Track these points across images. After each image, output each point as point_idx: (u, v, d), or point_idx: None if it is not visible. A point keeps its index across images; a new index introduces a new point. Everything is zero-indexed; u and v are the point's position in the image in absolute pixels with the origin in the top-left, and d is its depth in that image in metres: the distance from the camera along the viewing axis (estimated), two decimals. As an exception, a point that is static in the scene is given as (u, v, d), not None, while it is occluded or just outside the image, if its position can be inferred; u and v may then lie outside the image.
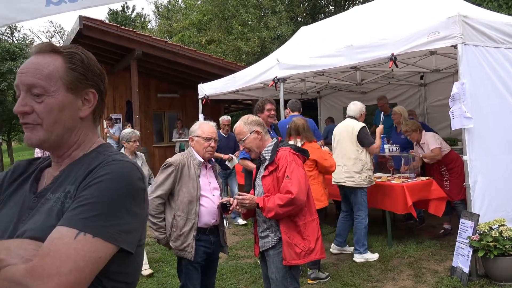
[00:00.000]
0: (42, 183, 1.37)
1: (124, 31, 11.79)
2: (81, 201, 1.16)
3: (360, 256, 5.75)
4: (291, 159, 3.29)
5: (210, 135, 3.62)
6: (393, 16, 6.92)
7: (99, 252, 1.12)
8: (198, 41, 23.17)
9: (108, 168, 1.22)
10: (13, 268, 1.08)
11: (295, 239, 3.26)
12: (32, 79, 1.28)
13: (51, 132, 1.30)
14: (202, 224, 3.49)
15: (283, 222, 3.28)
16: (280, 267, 3.28)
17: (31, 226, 1.21)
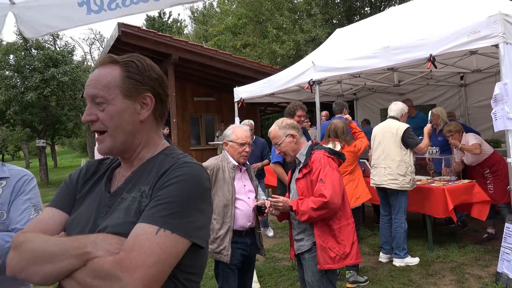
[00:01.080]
0: (115, 182, 1.50)
1: (161, 37, 12.03)
2: (159, 200, 1.28)
3: (400, 260, 5.63)
4: (325, 162, 3.27)
5: (244, 140, 3.64)
6: (431, 16, 6.76)
7: (177, 246, 1.24)
8: (233, 45, 23.36)
9: (181, 170, 1.34)
10: (102, 260, 1.19)
11: (329, 243, 3.23)
12: (93, 90, 1.42)
13: (115, 137, 1.43)
14: (238, 227, 3.51)
15: (317, 226, 3.25)
16: (316, 270, 3.25)
17: (111, 222, 1.32)
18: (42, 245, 1.29)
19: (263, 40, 20.58)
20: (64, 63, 19.72)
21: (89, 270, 1.20)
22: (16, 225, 1.92)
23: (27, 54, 19.53)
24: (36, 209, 2.00)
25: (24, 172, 2.10)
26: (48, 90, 18.74)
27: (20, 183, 2.03)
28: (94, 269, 1.19)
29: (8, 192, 1.98)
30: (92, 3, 2.28)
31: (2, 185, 2.00)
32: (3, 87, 18.34)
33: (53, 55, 19.61)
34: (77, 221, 1.42)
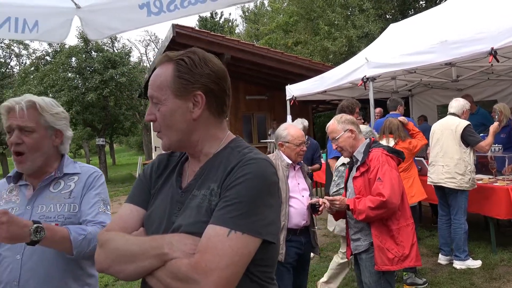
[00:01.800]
0: (185, 177, 1.53)
1: (214, 36, 12.22)
2: (228, 201, 1.30)
3: (460, 262, 5.41)
4: (383, 161, 3.19)
5: (300, 139, 3.64)
6: (491, 8, 6.43)
7: (248, 247, 1.27)
8: (284, 43, 23.32)
9: (247, 168, 1.33)
10: (178, 262, 1.25)
11: (387, 244, 3.15)
12: (150, 91, 1.46)
13: (169, 136, 1.46)
14: (292, 225, 3.50)
15: (375, 226, 3.19)
16: (373, 271, 3.18)
17: (185, 221, 1.36)
18: (124, 244, 1.37)
19: (315, 37, 20.39)
20: (122, 64, 20.48)
21: (168, 272, 1.25)
22: (87, 217, 2.00)
23: (87, 57, 20.46)
24: (104, 204, 2.09)
25: (94, 169, 2.19)
26: (107, 90, 19.54)
27: (91, 179, 2.11)
28: (172, 271, 1.25)
29: (80, 187, 2.07)
30: (152, 5, 2.35)
31: (74, 180, 2.09)
32: (66, 88, 19.30)
33: (112, 57, 20.42)
34: (153, 217, 1.47)
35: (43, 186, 2.04)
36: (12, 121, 1.97)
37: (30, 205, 2.00)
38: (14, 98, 2.03)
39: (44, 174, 2.06)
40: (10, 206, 2.02)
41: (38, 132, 2.00)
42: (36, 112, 2.00)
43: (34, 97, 2.04)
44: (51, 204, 2.00)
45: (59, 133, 2.10)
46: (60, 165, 2.12)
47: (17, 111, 1.97)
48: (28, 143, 1.98)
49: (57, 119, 2.07)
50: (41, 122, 2.01)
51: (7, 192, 2.10)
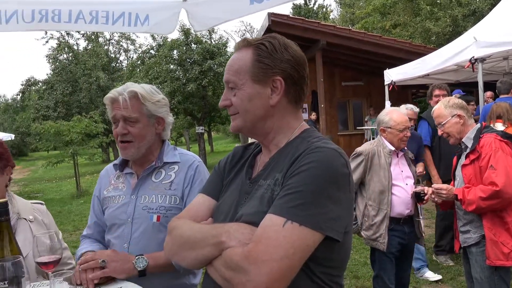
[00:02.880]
0: (256, 168, 1.50)
1: (309, 23, 12.12)
2: (288, 190, 1.23)
3: None
4: (496, 147, 2.94)
5: (404, 124, 3.48)
6: None
7: (306, 240, 1.17)
8: (382, 26, 22.38)
9: (312, 156, 1.26)
10: (233, 251, 1.21)
11: (501, 237, 2.91)
12: (227, 76, 1.43)
13: (245, 120, 1.43)
14: (395, 214, 3.39)
15: (487, 217, 2.96)
16: (485, 266, 2.97)
17: (246, 210, 1.34)
18: (188, 232, 1.38)
19: (415, 18, 19.32)
20: (219, 55, 21.14)
21: (223, 260, 1.23)
22: None
23: (188, 49, 21.39)
24: None
25: (193, 158, 2.17)
26: (206, 80, 20.31)
27: (191, 171, 2.09)
28: (226, 260, 1.22)
29: (181, 178, 2.07)
30: (254, -6, 2.37)
31: (175, 170, 2.10)
32: (169, 80, 20.39)
33: (210, 48, 21.16)
34: (222, 207, 1.47)
35: (146, 176, 2.09)
36: (117, 112, 2.01)
37: (134, 194, 2.06)
38: (116, 89, 2.07)
39: (147, 162, 2.11)
40: (117, 193, 2.12)
41: (142, 121, 2.04)
42: (139, 102, 2.02)
43: (135, 87, 2.06)
44: (153, 194, 2.04)
45: (161, 120, 2.12)
46: (161, 153, 2.13)
47: (121, 102, 1.99)
48: (133, 132, 2.02)
49: (158, 107, 2.08)
50: (144, 111, 2.04)
51: (115, 178, 2.20)
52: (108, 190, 2.17)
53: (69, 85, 31.04)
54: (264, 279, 1.12)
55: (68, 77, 31.17)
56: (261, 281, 1.12)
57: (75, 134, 14.75)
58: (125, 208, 2.06)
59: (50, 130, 15.11)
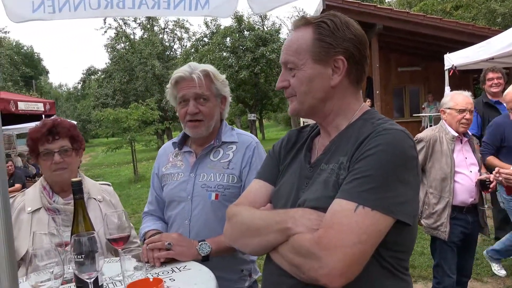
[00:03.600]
0: (314, 152, 1.47)
1: (365, 6, 11.80)
2: (356, 174, 1.20)
3: None
4: None
5: (464, 106, 3.33)
6: None
7: (378, 224, 1.15)
8: (442, 8, 21.43)
9: (380, 139, 1.22)
10: (301, 237, 1.20)
11: None
12: (285, 56, 1.39)
13: (303, 102, 1.38)
14: (458, 203, 3.27)
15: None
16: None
17: (310, 196, 1.31)
18: (250, 218, 1.38)
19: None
20: (272, 41, 21.14)
21: (291, 246, 1.22)
22: None
23: (240, 36, 21.53)
24: None
25: (251, 139, 2.18)
26: (258, 68, 20.40)
27: (250, 152, 2.11)
28: (294, 246, 1.21)
29: (238, 158, 2.10)
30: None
31: (232, 150, 2.13)
32: (222, 67, 20.65)
33: (262, 35, 21.21)
34: (281, 192, 1.45)
35: (204, 154, 2.13)
36: (188, 91, 2.04)
37: (193, 172, 2.11)
38: (184, 68, 2.08)
39: (207, 140, 2.15)
40: (176, 171, 2.17)
41: (211, 100, 2.08)
42: (210, 81, 2.06)
43: (204, 66, 2.09)
44: (211, 173, 2.08)
45: (224, 99, 2.17)
46: (219, 132, 2.16)
47: (196, 80, 2.02)
48: (204, 111, 2.05)
49: (224, 86, 2.13)
50: (213, 90, 2.08)
51: (173, 155, 2.24)
52: (167, 167, 2.23)
53: (126, 74, 32.08)
54: (337, 265, 1.11)
55: (125, 66, 32.20)
56: (334, 267, 1.11)
57: (132, 121, 15.27)
58: (184, 186, 2.11)
59: (110, 117, 15.73)
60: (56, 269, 1.36)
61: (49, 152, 2.12)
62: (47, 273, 1.34)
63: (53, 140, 2.13)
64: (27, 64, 54.52)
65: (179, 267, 1.77)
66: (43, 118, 9.05)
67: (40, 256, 1.34)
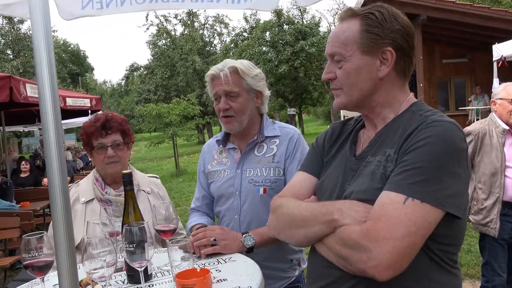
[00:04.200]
0: (360, 144, 1.46)
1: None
2: (405, 166, 1.19)
3: None
4: None
5: None
6: None
7: (428, 217, 1.14)
8: (490, -4, 20.61)
9: (430, 131, 1.20)
10: (349, 229, 1.20)
11: None
12: (331, 48, 1.38)
13: (351, 95, 1.37)
14: (508, 198, 3.15)
15: None
16: None
17: (357, 188, 1.31)
18: (295, 210, 1.38)
19: (529, -14, 17.51)
20: (312, 35, 20.97)
21: (338, 238, 1.22)
22: None
23: (280, 30, 21.46)
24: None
25: (293, 131, 2.20)
26: (298, 62, 20.30)
27: (292, 144, 2.13)
28: (342, 237, 1.20)
29: (282, 151, 2.12)
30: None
31: (276, 144, 2.15)
32: (261, 62, 20.69)
33: (302, 28, 21.07)
34: (326, 185, 1.45)
35: (248, 150, 2.16)
36: (219, 88, 2.09)
37: (239, 168, 2.14)
38: (216, 66, 2.14)
39: (248, 135, 2.17)
40: (222, 168, 2.21)
41: (242, 95, 2.09)
42: (239, 76, 2.07)
43: (234, 62, 2.12)
44: (257, 168, 2.11)
45: (259, 94, 2.17)
46: (261, 127, 2.19)
47: (222, 78, 2.06)
48: (234, 107, 2.09)
49: (256, 81, 2.13)
50: (244, 86, 2.09)
51: (217, 153, 2.28)
52: (212, 164, 2.27)
53: (168, 70, 32.67)
54: (386, 257, 1.11)
55: (166, 62, 32.79)
56: (383, 259, 1.11)
57: (174, 115, 15.55)
58: (231, 182, 2.14)
59: (152, 112, 16.08)
60: (109, 258, 1.40)
61: (102, 146, 2.21)
62: (100, 261, 1.39)
63: (106, 134, 2.21)
64: (73, 62, 56.53)
65: (224, 259, 1.80)
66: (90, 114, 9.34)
67: (94, 245, 1.39)
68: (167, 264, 1.77)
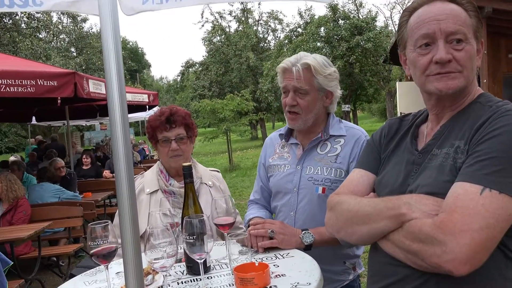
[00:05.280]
0: (422, 138, 1.41)
1: (472, -11, 10.96)
2: (479, 156, 1.14)
3: None
4: None
5: None
6: None
7: (507, 209, 1.09)
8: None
9: (504, 120, 1.17)
10: (420, 222, 1.15)
11: None
12: (454, 26, 1.26)
13: (469, 79, 1.30)
14: None
15: None
16: None
17: (423, 181, 1.26)
18: (356, 206, 1.33)
19: None
20: (368, 30, 20.51)
21: (406, 232, 1.16)
22: None
23: (335, 25, 21.16)
24: None
25: (359, 133, 2.11)
26: (353, 57, 19.93)
27: (358, 146, 2.04)
28: (412, 231, 1.15)
29: (347, 152, 2.04)
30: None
31: (340, 144, 2.08)
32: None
33: (358, 23, 20.65)
34: (386, 181, 1.40)
35: (311, 147, 2.11)
36: (289, 82, 2.03)
37: (300, 165, 2.10)
38: (289, 59, 2.07)
39: (312, 133, 2.12)
40: (282, 162, 2.18)
41: (311, 94, 2.03)
42: (311, 74, 2.00)
43: (309, 59, 2.03)
44: (318, 166, 2.05)
45: (330, 94, 2.10)
46: (327, 126, 2.12)
47: (294, 73, 1.99)
48: (301, 104, 2.03)
49: (329, 80, 2.05)
50: (314, 84, 2.02)
51: (280, 147, 2.25)
52: (273, 158, 2.25)
53: (222, 66, 33.06)
54: (463, 250, 1.05)
55: (221, 58, 33.19)
56: (460, 253, 1.06)
57: (228, 111, 15.74)
58: (290, 178, 2.11)
59: (207, 108, 16.37)
60: (169, 248, 1.42)
61: (166, 139, 2.25)
62: (161, 251, 1.42)
63: (170, 128, 2.26)
64: (132, 59, 58.57)
65: (282, 254, 1.78)
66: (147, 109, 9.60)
67: (156, 235, 1.42)
68: (225, 257, 1.78)
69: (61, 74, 5.73)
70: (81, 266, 2.19)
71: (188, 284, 1.59)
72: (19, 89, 5.19)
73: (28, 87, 5.26)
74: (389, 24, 36.98)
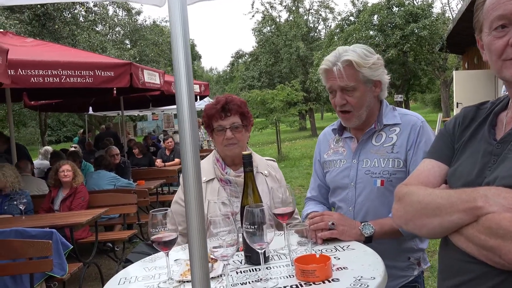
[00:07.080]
0: (500, 128, 1.32)
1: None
2: None
3: None
4: None
5: None
6: None
7: None
8: None
9: None
10: (497, 217, 1.07)
11: None
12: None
13: None
14: None
15: None
16: None
17: (502, 173, 1.18)
18: (427, 197, 1.26)
19: None
20: (424, 17, 19.79)
21: (482, 227, 1.09)
22: None
23: (389, 13, 20.54)
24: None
25: (415, 119, 2.02)
26: (407, 46, 19.30)
27: (414, 133, 1.97)
28: (489, 226, 1.07)
29: (403, 140, 1.97)
30: None
31: (396, 132, 2.00)
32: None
33: (413, 10, 19.94)
34: (460, 172, 1.32)
35: (366, 139, 2.04)
36: (333, 83, 1.96)
37: (355, 158, 2.04)
38: (329, 58, 1.99)
39: (366, 124, 2.05)
40: (338, 157, 2.12)
41: (359, 89, 1.95)
42: (354, 70, 1.92)
43: (349, 54, 1.93)
44: (375, 158, 1.99)
45: (378, 83, 2.01)
46: (379, 115, 2.04)
47: (336, 73, 1.92)
48: (352, 102, 1.96)
49: (374, 70, 1.96)
50: (360, 78, 1.94)
51: (334, 142, 2.19)
52: (328, 154, 2.19)
53: (272, 56, 33.00)
54: None
55: (270, 49, 33.12)
56: None
57: (278, 102, 15.70)
58: (347, 172, 2.06)
59: (257, 98, 16.39)
60: (228, 237, 1.41)
61: (221, 128, 2.25)
62: (219, 239, 1.41)
63: (225, 117, 2.25)
64: (183, 50, 59.43)
65: (342, 246, 1.74)
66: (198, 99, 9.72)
67: (217, 223, 1.41)
68: (284, 247, 1.76)
69: (117, 65, 5.88)
70: (136, 252, 2.24)
71: (247, 273, 1.59)
72: (78, 80, 5.38)
73: (87, 78, 5.44)
74: (446, 10, 35.46)
